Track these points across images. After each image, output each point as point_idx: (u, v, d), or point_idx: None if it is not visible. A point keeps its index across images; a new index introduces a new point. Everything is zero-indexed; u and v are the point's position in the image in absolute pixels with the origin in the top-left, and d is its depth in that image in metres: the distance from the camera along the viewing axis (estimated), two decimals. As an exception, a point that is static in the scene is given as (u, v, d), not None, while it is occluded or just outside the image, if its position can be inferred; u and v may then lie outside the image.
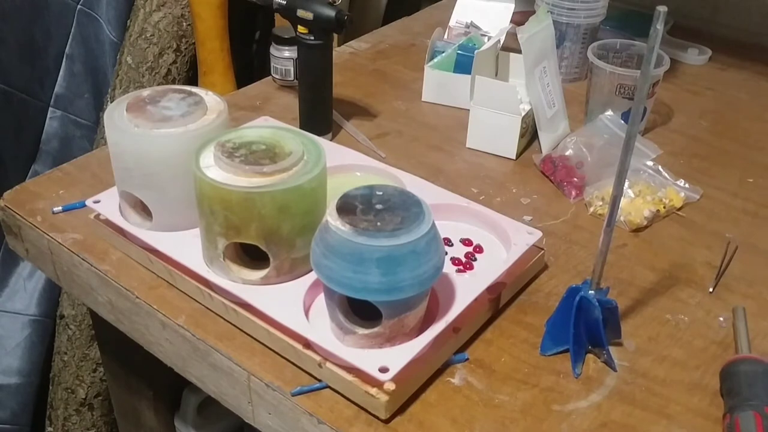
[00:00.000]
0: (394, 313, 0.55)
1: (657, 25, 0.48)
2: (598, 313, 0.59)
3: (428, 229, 0.54)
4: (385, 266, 0.52)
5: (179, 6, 1.20)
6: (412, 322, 0.56)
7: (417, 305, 0.56)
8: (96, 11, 1.20)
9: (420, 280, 0.54)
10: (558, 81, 0.91)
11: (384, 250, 0.52)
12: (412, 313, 0.55)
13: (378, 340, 0.56)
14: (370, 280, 0.52)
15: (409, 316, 0.55)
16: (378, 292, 0.53)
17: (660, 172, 0.84)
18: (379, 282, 0.52)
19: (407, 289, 0.53)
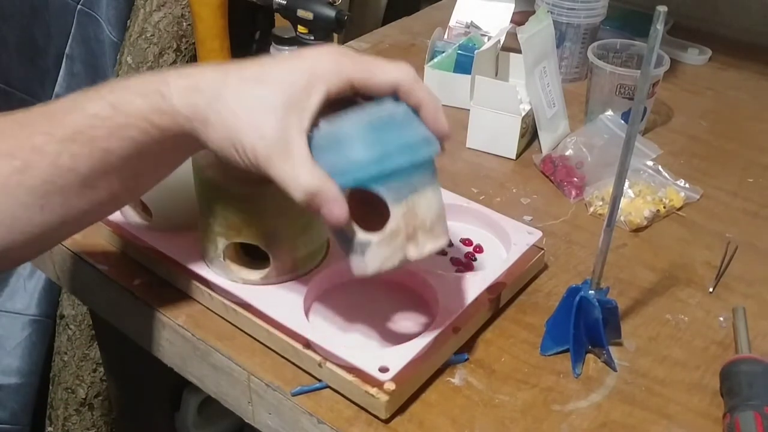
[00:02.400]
0: (398, 196, 0.51)
1: (657, 25, 0.48)
2: (598, 313, 0.59)
3: (404, 105, 0.52)
4: (367, 137, 0.50)
5: (179, 6, 1.20)
6: (427, 213, 0.52)
7: (422, 186, 0.52)
8: (96, 11, 1.20)
9: (409, 145, 0.51)
10: (558, 81, 0.91)
11: (362, 122, 0.51)
12: (421, 198, 0.51)
13: (399, 243, 0.51)
14: (355, 156, 0.50)
15: (418, 201, 0.51)
16: (367, 166, 0.50)
17: (660, 172, 0.84)
18: (364, 156, 0.50)
19: (396, 154, 0.50)
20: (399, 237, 0.51)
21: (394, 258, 0.51)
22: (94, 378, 1.22)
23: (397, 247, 0.51)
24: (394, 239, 0.51)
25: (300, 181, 0.48)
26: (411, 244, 0.51)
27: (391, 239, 0.51)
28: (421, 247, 0.52)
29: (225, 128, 0.48)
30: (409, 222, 0.51)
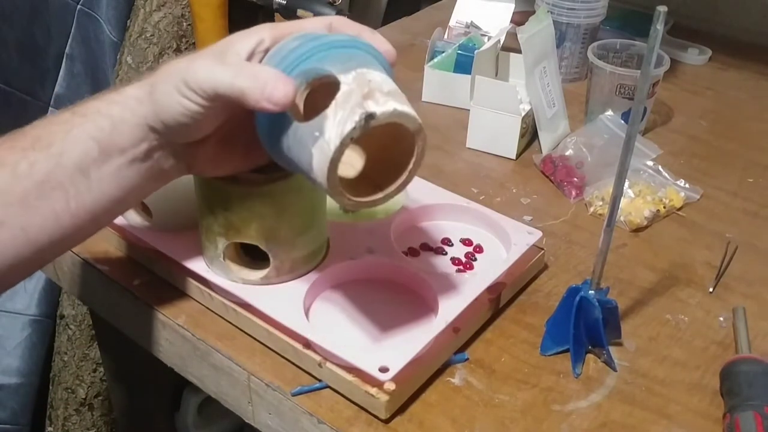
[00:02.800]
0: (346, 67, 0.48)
1: (657, 25, 0.48)
2: (598, 313, 0.59)
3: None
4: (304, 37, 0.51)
5: (179, 6, 1.20)
6: (382, 83, 0.48)
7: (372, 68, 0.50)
8: (96, 11, 1.20)
9: (349, 38, 0.51)
10: (558, 81, 0.91)
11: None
12: (372, 73, 0.49)
13: (355, 100, 0.46)
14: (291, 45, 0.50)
15: (369, 73, 0.48)
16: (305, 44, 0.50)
17: (660, 172, 0.84)
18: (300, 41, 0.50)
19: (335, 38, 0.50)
20: (353, 96, 0.46)
21: (353, 115, 0.45)
22: (94, 378, 1.22)
23: (354, 104, 0.46)
24: (348, 100, 0.46)
25: (239, 72, 0.47)
26: (370, 101, 0.46)
27: (345, 101, 0.46)
28: (383, 104, 0.46)
29: (169, 78, 0.48)
30: (362, 84, 0.47)
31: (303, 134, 0.47)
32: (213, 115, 0.50)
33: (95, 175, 0.50)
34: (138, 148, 0.51)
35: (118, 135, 0.50)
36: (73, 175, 0.49)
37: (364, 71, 0.48)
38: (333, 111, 0.46)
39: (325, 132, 0.46)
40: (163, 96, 0.49)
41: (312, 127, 0.47)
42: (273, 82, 0.46)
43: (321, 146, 0.46)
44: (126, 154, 0.50)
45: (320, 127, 0.46)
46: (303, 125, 0.47)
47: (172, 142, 0.51)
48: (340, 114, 0.46)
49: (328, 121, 0.46)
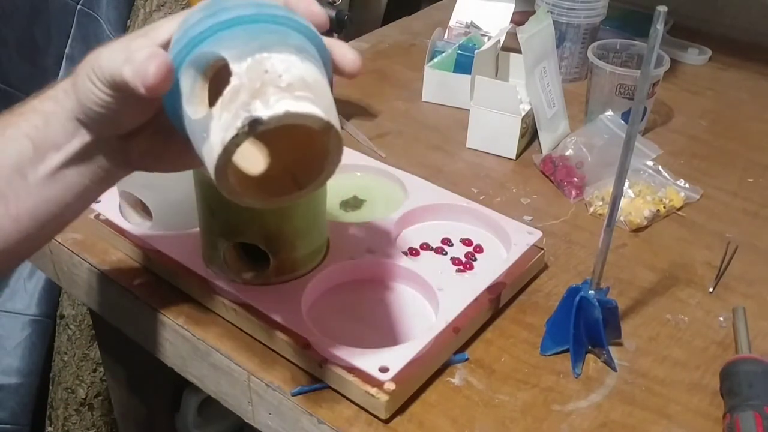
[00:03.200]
0: (242, 53, 0.40)
1: (657, 25, 0.48)
2: (598, 313, 0.59)
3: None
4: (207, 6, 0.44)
5: (179, 6, 1.20)
6: (284, 71, 0.40)
7: (281, 50, 0.41)
8: (96, 11, 1.20)
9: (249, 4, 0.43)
10: (558, 81, 0.91)
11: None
12: (276, 58, 0.41)
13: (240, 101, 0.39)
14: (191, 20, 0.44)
15: (272, 60, 0.40)
16: (202, 21, 0.43)
17: (660, 172, 0.84)
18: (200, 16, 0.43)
19: (232, 9, 0.43)
20: (241, 93, 0.39)
21: (235, 121, 0.38)
22: (94, 378, 1.22)
23: (239, 105, 0.39)
24: (234, 99, 0.39)
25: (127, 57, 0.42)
26: (258, 101, 0.39)
27: (232, 99, 0.39)
28: (272, 105, 0.38)
29: (85, 65, 0.45)
30: (255, 77, 0.39)
31: (194, 131, 0.42)
32: (131, 105, 0.45)
33: (33, 177, 0.47)
34: (71, 145, 0.47)
35: (51, 131, 0.47)
36: (11, 177, 0.47)
37: (264, 56, 0.40)
38: (218, 111, 0.40)
39: (210, 134, 0.40)
40: (81, 85, 0.45)
41: (200, 125, 0.41)
42: (144, 63, 0.41)
43: (208, 149, 0.40)
44: (60, 152, 0.47)
45: (206, 128, 0.40)
46: (193, 121, 0.42)
47: (103, 136, 0.48)
48: (224, 116, 0.39)
49: (213, 122, 0.40)
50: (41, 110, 0.47)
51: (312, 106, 0.39)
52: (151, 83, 0.41)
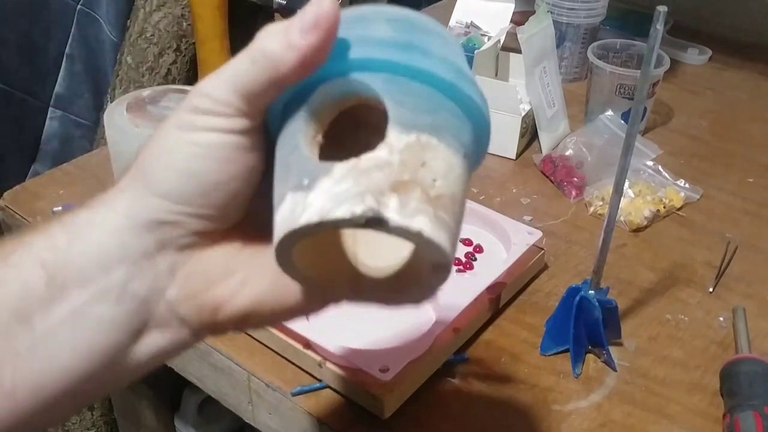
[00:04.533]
0: (411, 120, 0.30)
1: (657, 25, 0.48)
2: (598, 313, 0.59)
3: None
4: (399, 25, 0.32)
5: (179, 6, 1.20)
6: (441, 176, 0.30)
7: (449, 141, 0.31)
8: (96, 11, 1.20)
9: (450, 63, 0.32)
10: (558, 81, 0.91)
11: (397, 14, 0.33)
12: (441, 153, 0.30)
13: (377, 183, 0.28)
14: (378, 32, 0.32)
15: (436, 150, 0.30)
16: (387, 45, 0.31)
17: (660, 172, 0.84)
18: (391, 37, 0.31)
19: (431, 55, 0.31)
20: (382, 175, 0.28)
21: (356, 203, 0.28)
22: (94, 378, 1.22)
23: (371, 187, 0.28)
24: (370, 174, 0.29)
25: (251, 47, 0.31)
26: (393, 199, 0.28)
27: (366, 173, 0.29)
28: (407, 214, 0.28)
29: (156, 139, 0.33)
30: (408, 164, 0.29)
31: (293, 162, 0.30)
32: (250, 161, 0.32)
33: (41, 324, 0.31)
34: (114, 272, 0.31)
35: (78, 253, 0.31)
36: (8, 326, 0.31)
37: (431, 142, 0.30)
38: (342, 171, 0.29)
39: (313, 188, 0.29)
40: (164, 152, 0.31)
41: (306, 163, 0.30)
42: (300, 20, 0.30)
43: (296, 199, 0.29)
44: (91, 285, 0.31)
45: (311, 175, 0.29)
46: (303, 158, 0.30)
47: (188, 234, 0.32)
48: (345, 184, 0.28)
49: (326, 178, 0.29)
50: (68, 222, 0.32)
51: (445, 239, 0.30)
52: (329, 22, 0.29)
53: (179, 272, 0.32)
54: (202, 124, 0.30)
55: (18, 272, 0.31)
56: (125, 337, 0.32)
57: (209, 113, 0.30)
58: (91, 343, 0.31)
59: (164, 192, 0.31)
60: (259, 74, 0.30)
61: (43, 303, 0.31)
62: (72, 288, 0.31)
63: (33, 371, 0.31)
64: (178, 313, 0.33)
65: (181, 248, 0.32)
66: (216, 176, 0.31)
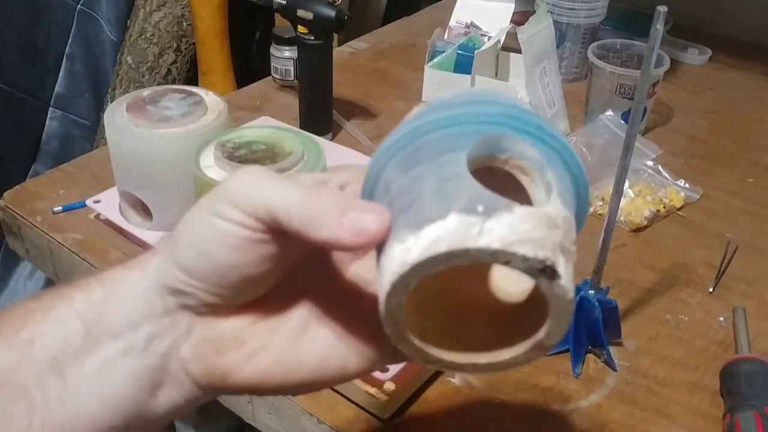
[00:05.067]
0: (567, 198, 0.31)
1: (657, 25, 0.48)
2: (598, 313, 0.59)
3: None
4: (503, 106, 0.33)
5: (179, 6, 1.20)
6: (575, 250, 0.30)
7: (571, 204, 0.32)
8: (96, 11, 1.20)
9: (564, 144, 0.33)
10: (558, 81, 0.91)
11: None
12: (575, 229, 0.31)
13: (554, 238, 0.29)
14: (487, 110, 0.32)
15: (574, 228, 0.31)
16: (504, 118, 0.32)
17: (660, 172, 0.84)
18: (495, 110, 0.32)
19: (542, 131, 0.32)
20: (556, 232, 0.29)
21: (537, 245, 0.28)
22: (94, 378, 1.22)
23: (548, 239, 0.28)
24: (547, 226, 0.29)
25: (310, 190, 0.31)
26: (561, 258, 0.29)
27: (543, 224, 0.29)
28: (571, 278, 0.29)
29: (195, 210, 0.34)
30: (569, 235, 0.30)
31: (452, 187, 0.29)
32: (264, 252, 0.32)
33: (73, 375, 0.32)
34: (141, 328, 0.33)
35: (113, 304, 0.33)
36: (42, 374, 0.32)
37: (573, 225, 0.31)
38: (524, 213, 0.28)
39: (492, 216, 0.28)
40: (189, 228, 0.33)
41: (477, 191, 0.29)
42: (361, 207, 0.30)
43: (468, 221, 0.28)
44: (120, 339, 0.33)
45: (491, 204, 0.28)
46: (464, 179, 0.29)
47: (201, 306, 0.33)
48: (528, 226, 0.28)
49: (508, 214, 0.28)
50: (105, 278, 0.34)
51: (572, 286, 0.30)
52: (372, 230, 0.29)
53: (194, 334, 0.34)
54: (225, 213, 0.32)
55: (58, 326, 0.33)
56: (145, 392, 0.33)
57: (235, 210, 0.31)
58: (116, 396, 0.33)
59: (182, 265, 0.33)
60: (296, 223, 0.30)
61: (78, 354, 0.32)
62: (104, 342, 0.33)
63: (62, 421, 0.32)
64: (189, 371, 0.34)
65: (198, 314, 0.34)
66: (227, 260, 0.32)
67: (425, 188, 0.30)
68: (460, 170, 0.30)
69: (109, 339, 0.33)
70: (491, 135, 0.31)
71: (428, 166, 0.31)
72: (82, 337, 0.32)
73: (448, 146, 0.31)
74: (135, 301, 0.33)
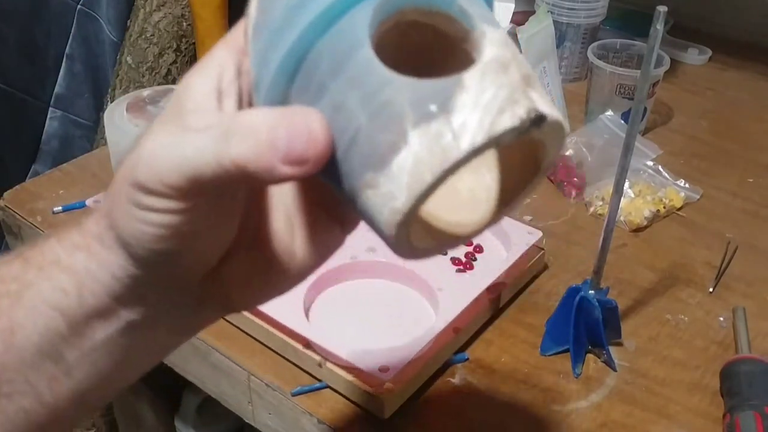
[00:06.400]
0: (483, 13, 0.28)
1: (657, 25, 0.48)
2: (598, 313, 0.59)
3: None
4: None
5: (179, 6, 1.20)
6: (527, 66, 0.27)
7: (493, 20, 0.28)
8: (96, 11, 1.20)
9: None
10: (558, 81, 0.91)
11: None
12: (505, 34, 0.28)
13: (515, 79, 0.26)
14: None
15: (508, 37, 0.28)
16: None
17: (660, 172, 0.84)
18: None
19: None
20: (512, 71, 0.26)
21: (517, 105, 0.25)
22: (94, 378, 1.22)
23: (515, 87, 0.26)
24: (505, 72, 0.26)
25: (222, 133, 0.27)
26: (533, 92, 0.26)
27: (501, 71, 0.26)
28: (546, 103, 0.27)
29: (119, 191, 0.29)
30: (518, 58, 0.27)
31: (390, 98, 0.25)
32: (211, 218, 0.30)
33: (72, 355, 0.32)
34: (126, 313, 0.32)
35: (90, 298, 0.31)
36: (36, 363, 0.32)
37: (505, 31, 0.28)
38: (476, 79, 0.25)
39: (451, 109, 0.24)
40: (122, 221, 0.30)
41: (417, 89, 0.25)
42: (290, 125, 0.26)
43: (433, 131, 0.24)
44: (112, 321, 0.32)
45: (441, 95, 0.25)
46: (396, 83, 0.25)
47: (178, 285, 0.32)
48: (490, 92, 0.25)
49: (463, 94, 0.25)
50: (70, 267, 0.32)
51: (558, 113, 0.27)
52: (314, 152, 0.26)
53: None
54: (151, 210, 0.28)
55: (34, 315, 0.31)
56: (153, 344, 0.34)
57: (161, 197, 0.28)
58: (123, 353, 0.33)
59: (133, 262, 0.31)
60: (220, 174, 0.27)
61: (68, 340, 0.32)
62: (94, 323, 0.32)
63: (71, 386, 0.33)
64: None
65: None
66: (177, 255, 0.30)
67: (357, 117, 0.25)
68: (380, 72, 0.25)
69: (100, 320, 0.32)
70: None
71: (341, 87, 0.26)
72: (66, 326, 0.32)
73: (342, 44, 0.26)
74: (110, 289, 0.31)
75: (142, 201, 0.28)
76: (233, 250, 0.32)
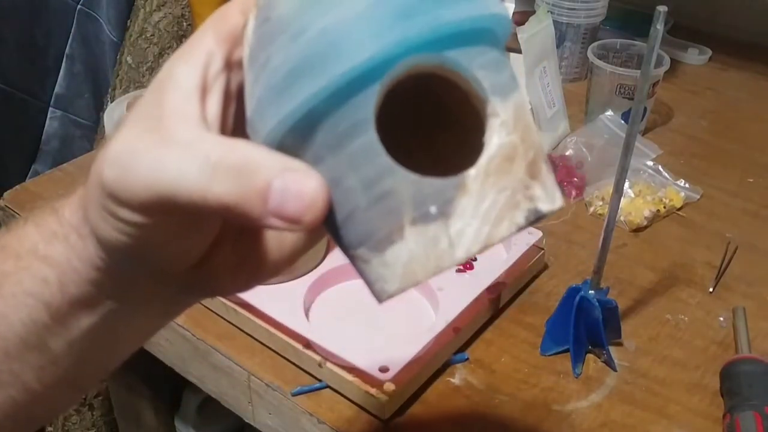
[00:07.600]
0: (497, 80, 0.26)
1: (657, 25, 0.48)
2: (598, 313, 0.59)
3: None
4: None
5: (179, 6, 1.20)
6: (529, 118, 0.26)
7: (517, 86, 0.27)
8: (96, 11, 1.20)
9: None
10: (558, 81, 0.91)
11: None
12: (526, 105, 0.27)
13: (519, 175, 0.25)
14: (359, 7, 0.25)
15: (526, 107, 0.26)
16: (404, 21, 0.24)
17: (660, 172, 0.84)
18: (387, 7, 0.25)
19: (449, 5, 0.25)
20: (517, 164, 0.25)
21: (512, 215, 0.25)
22: (94, 378, 1.22)
23: (515, 187, 0.25)
24: (506, 169, 0.25)
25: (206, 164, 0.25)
26: (536, 187, 0.25)
27: (503, 168, 0.25)
28: (551, 194, 0.26)
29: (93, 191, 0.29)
30: (525, 135, 0.25)
31: (396, 191, 0.25)
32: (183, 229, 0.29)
33: (57, 344, 0.32)
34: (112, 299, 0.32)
35: (72, 288, 0.30)
36: (22, 354, 0.31)
37: (521, 103, 0.26)
38: (478, 181, 0.24)
39: (450, 214, 0.24)
40: (93, 220, 0.29)
41: (420, 187, 0.24)
42: (290, 183, 0.25)
43: (429, 234, 0.24)
44: (96, 309, 0.31)
45: (442, 197, 0.24)
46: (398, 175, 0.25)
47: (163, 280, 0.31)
48: (490, 198, 0.24)
49: (465, 198, 0.24)
50: (49, 258, 0.31)
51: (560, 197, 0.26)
52: (307, 217, 0.25)
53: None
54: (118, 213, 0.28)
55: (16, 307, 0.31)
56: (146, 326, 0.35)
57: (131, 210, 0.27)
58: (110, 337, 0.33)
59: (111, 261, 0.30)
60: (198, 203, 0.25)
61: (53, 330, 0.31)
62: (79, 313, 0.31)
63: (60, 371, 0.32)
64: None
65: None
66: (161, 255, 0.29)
67: (355, 197, 0.25)
68: (382, 160, 0.24)
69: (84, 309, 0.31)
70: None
71: (340, 163, 0.25)
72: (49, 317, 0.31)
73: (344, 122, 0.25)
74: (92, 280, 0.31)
75: (109, 208, 0.27)
76: (220, 240, 0.31)
